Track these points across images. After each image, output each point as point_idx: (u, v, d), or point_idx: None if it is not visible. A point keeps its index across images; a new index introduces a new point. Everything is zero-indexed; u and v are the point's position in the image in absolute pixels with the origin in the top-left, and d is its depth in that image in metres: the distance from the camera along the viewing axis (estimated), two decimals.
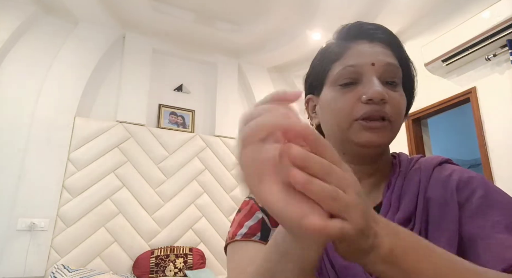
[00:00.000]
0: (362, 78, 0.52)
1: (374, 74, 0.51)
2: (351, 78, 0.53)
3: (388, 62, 0.52)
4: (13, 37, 2.87)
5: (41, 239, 2.58)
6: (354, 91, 0.52)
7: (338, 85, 0.53)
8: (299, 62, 3.91)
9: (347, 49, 0.55)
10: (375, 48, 0.53)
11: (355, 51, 0.54)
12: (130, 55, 3.36)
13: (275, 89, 2.11)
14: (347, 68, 0.53)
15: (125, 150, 3.06)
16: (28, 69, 2.93)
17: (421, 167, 0.55)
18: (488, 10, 2.41)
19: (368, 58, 0.52)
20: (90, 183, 2.86)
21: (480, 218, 0.45)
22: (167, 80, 3.56)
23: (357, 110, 0.51)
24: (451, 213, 0.47)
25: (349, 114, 0.51)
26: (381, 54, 0.53)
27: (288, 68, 4.09)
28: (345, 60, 0.54)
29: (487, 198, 0.46)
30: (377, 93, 0.49)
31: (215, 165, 3.42)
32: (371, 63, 0.52)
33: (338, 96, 0.53)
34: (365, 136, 0.50)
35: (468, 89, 2.64)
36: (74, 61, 3.07)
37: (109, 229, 2.83)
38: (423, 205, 0.49)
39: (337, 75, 0.54)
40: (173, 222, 3.09)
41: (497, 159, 2.40)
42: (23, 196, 2.61)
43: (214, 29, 3.37)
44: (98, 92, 3.20)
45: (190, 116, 3.53)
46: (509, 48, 2.35)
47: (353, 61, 0.53)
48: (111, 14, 3.16)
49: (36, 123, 2.78)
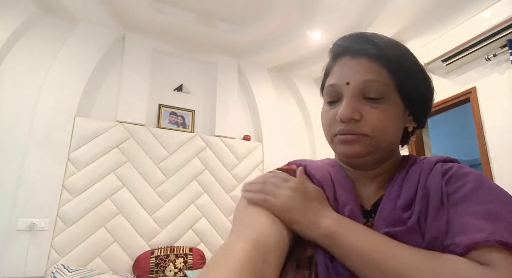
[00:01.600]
0: (342, 96, 0.56)
1: (350, 92, 0.54)
2: (333, 96, 0.57)
3: (364, 80, 0.54)
4: (13, 37, 2.87)
5: (41, 239, 2.58)
6: (334, 109, 0.57)
7: (326, 102, 0.60)
8: (299, 62, 3.91)
9: (332, 66, 0.59)
10: (355, 64, 0.55)
11: (336, 69, 0.58)
12: (130, 55, 3.36)
13: (275, 89, 2.14)
14: (328, 88, 0.58)
15: (125, 150, 3.06)
16: (28, 69, 2.93)
17: (424, 161, 0.57)
18: (488, 10, 2.41)
19: (344, 78, 0.55)
20: (90, 183, 2.86)
21: (464, 205, 0.46)
22: (167, 80, 3.56)
23: (334, 127, 0.56)
24: (443, 205, 0.48)
25: (330, 130, 0.57)
26: (359, 71, 0.54)
27: (288, 68, 4.09)
28: (329, 78, 0.59)
29: (476, 190, 0.47)
30: (342, 116, 0.53)
31: (215, 165, 3.42)
32: (346, 82, 0.55)
33: (325, 112, 0.59)
34: (342, 148, 0.56)
35: (468, 89, 2.64)
36: (74, 61, 3.07)
37: (109, 229, 2.83)
38: (422, 193, 0.51)
39: (324, 92, 0.60)
40: (173, 222, 3.09)
41: (497, 159, 2.40)
42: (23, 196, 2.61)
43: (214, 29, 3.37)
44: (98, 92, 3.19)
45: (190, 116, 3.53)
46: (509, 48, 2.35)
47: (332, 80, 0.57)
48: (111, 14, 3.15)
49: (36, 123, 2.78)
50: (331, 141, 0.58)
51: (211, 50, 3.74)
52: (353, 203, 0.55)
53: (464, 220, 0.44)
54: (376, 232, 0.48)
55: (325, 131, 0.59)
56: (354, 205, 0.55)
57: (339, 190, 0.57)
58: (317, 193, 0.54)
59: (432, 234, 0.46)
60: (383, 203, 0.54)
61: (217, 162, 3.44)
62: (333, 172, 0.60)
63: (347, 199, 0.55)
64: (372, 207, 0.57)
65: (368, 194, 0.59)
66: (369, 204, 0.58)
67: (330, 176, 0.59)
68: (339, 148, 0.56)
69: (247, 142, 3.67)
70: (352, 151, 0.55)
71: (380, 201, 0.56)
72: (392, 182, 0.56)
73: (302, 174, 0.58)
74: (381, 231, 0.49)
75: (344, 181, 0.59)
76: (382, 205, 0.54)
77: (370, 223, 0.55)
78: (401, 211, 0.51)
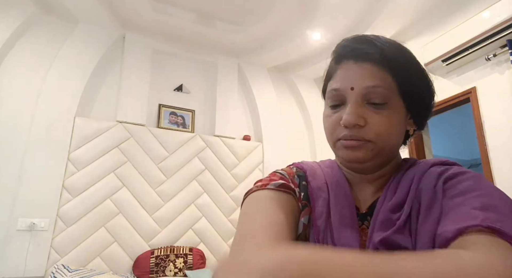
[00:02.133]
0: (346, 101, 0.55)
1: (354, 98, 0.54)
2: (336, 100, 0.57)
3: (367, 86, 0.53)
4: (13, 37, 2.87)
5: (41, 239, 2.58)
6: (338, 113, 0.56)
7: (328, 106, 0.59)
8: (299, 62, 3.91)
9: (335, 69, 0.58)
10: (359, 69, 0.55)
11: (340, 73, 0.57)
12: (130, 55, 3.36)
13: (275, 89, 2.14)
14: (331, 92, 0.57)
15: (125, 150, 3.06)
16: (28, 69, 2.93)
17: (421, 163, 0.57)
18: (488, 10, 2.41)
19: (348, 83, 0.55)
20: (90, 183, 2.86)
21: (460, 198, 0.45)
22: (167, 80, 3.56)
23: (338, 132, 0.56)
24: (438, 202, 0.48)
25: (333, 134, 0.57)
26: (362, 77, 0.54)
27: (288, 68, 4.09)
28: (332, 82, 0.58)
29: (473, 186, 0.46)
30: (347, 122, 0.53)
31: (215, 165, 3.42)
32: (350, 87, 0.54)
33: (328, 115, 0.58)
34: (345, 153, 0.55)
35: (468, 89, 2.64)
36: (74, 61, 3.07)
37: (109, 229, 2.83)
38: (415, 194, 0.51)
39: (327, 96, 0.59)
40: (173, 222, 3.09)
41: (497, 159, 2.40)
42: (23, 196, 2.61)
43: (214, 29, 3.37)
44: (98, 92, 3.20)
45: (190, 116, 3.53)
46: (509, 48, 2.35)
47: (336, 84, 0.56)
48: (111, 14, 3.15)
49: (36, 123, 2.78)
50: (334, 145, 0.58)
51: (211, 50, 3.74)
52: (348, 206, 0.56)
53: (458, 209, 0.43)
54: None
55: (328, 135, 0.59)
56: (348, 209, 0.55)
57: (334, 196, 0.57)
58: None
59: (425, 235, 0.45)
60: (378, 206, 0.54)
61: (217, 162, 3.44)
62: (331, 175, 0.61)
63: (342, 204, 0.56)
64: (368, 209, 0.57)
65: (365, 197, 0.59)
66: (364, 207, 0.58)
67: (326, 183, 0.59)
68: (342, 152, 0.56)
69: (247, 142, 3.67)
70: (355, 157, 0.55)
71: (375, 204, 0.56)
72: (388, 185, 0.57)
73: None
74: (376, 236, 0.49)
75: (340, 185, 0.59)
76: (378, 207, 0.54)
77: (365, 225, 0.56)
78: (391, 212, 0.51)
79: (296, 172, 0.63)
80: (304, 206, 0.58)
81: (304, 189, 0.60)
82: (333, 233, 0.54)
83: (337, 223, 0.55)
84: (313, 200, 0.57)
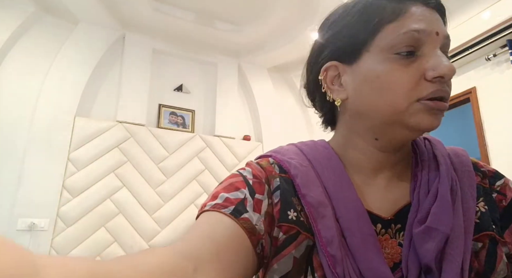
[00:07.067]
0: (424, 49, 0.43)
1: (438, 45, 0.44)
2: (413, 46, 0.43)
3: (447, 35, 0.45)
4: (13, 37, 2.87)
5: (41, 239, 2.58)
6: (416, 63, 0.43)
7: (394, 53, 0.43)
8: (299, 62, 3.91)
9: (403, 10, 0.44)
10: (432, 15, 0.45)
11: (417, 14, 0.44)
12: (130, 55, 3.36)
13: (275, 89, 2.13)
14: (410, 33, 0.43)
15: (125, 150, 3.06)
16: (28, 69, 2.92)
17: (445, 154, 0.52)
18: (488, 10, 2.41)
19: (432, 25, 0.44)
20: (90, 183, 2.86)
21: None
22: (167, 80, 3.56)
23: (421, 88, 0.42)
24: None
25: (411, 93, 0.42)
26: (441, 24, 0.46)
27: (288, 68, 4.09)
28: (405, 22, 0.43)
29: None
30: (449, 70, 0.41)
31: (215, 165, 3.42)
32: (436, 32, 0.44)
33: (396, 68, 0.43)
34: (427, 119, 0.43)
35: (468, 89, 2.65)
36: (74, 61, 3.07)
37: (109, 229, 2.83)
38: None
39: (395, 40, 0.43)
40: (173, 222, 3.09)
41: (497, 159, 2.40)
42: (23, 196, 2.61)
43: (214, 29, 3.37)
44: (98, 92, 3.19)
45: (190, 116, 3.53)
46: (509, 48, 2.35)
47: (418, 24, 0.43)
48: (111, 14, 3.15)
49: (36, 123, 2.78)
50: (407, 107, 0.43)
51: (211, 50, 3.74)
52: (362, 217, 0.44)
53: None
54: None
55: (398, 94, 0.43)
56: (362, 219, 0.44)
57: (343, 207, 0.45)
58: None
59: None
60: (411, 217, 0.44)
61: (217, 162, 3.44)
62: (328, 173, 0.48)
63: (355, 215, 0.44)
64: (393, 216, 0.46)
65: (375, 195, 0.48)
66: (382, 209, 0.47)
67: (325, 190, 0.46)
68: (422, 118, 0.43)
69: (247, 142, 3.67)
70: (438, 123, 0.43)
71: (408, 209, 0.45)
72: (417, 187, 0.47)
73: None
74: (423, 250, 0.41)
75: (344, 186, 0.47)
76: (410, 221, 0.44)
77: (388, 235, 0.45)
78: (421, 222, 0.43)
79: (278, 173, 0.50)
80: (289, 237, 0.43)
81: (289, 204, 0.45)
82: (357, 261, 0.41)
83: (361, 246, 0.42)
84: (314, 220, 0.43)
